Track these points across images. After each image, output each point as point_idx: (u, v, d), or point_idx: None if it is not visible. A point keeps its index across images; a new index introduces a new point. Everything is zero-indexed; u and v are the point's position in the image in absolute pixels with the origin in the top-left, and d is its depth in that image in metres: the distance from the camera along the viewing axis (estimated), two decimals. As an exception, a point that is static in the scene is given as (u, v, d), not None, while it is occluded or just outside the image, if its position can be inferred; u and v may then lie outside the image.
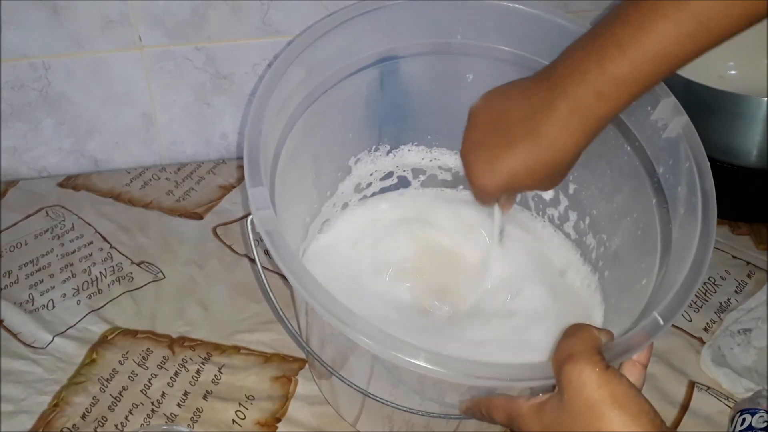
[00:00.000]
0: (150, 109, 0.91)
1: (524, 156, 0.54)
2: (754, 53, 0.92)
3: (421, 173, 0.76)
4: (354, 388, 0.55)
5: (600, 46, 0.49)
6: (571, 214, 0.71)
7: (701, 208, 0.52)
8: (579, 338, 0.43)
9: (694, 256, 0.50)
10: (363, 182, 0.74)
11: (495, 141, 0.56)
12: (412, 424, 0.59)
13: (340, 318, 0.45)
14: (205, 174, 0.92)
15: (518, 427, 0.46)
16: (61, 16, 0.81)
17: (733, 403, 0.67)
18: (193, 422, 0.65)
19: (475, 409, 0.50)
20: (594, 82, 0.49)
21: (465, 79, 0.68)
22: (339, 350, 0.56)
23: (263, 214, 0.50)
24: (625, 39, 0.48)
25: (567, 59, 0.52)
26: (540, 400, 0.44)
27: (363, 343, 0.45)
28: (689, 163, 0.55)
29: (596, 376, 0.41)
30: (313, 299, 0.46)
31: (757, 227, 0.86)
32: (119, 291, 0.76)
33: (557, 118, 0.52)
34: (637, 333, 0.47)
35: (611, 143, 0.62)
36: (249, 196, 0.51)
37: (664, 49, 0.47)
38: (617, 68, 0.48)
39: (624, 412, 0.40)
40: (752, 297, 0.77)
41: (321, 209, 0.71)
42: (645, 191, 0.60)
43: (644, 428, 0.40)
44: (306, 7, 0.85)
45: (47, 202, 0.87)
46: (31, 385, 0.67)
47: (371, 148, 0.73)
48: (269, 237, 0.49)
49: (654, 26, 0.47)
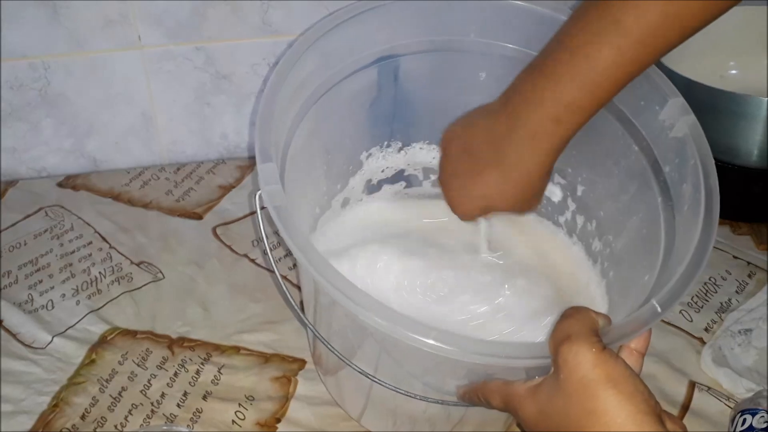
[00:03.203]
0: (150, 109, 0.91)
1: (493, 181, 0.58)
2: (755, 53, 0.92)
3: (431, 172, 0.76)
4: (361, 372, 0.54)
5: (550, 74, 0.52)
6: (578, 218, 0.71)
7: (704, 204, 0.53)
8: (577, 319, 0.43)
9: (695, 248, 0.50)
10: (374, 178, 0.74)
11: (465, 168, 0.60)
12: (415, 420, 0.59)
13: (347, 293, 0.45)
14: (204, 174, 0.92)
15: (514, 410, 0.46)
16: (61, 16, 0.81)
17: (733, 404, 0.66)
18: (193, 423, 0.65)
19: (473, 394, 0.50)
20: (549, 110, 0.53)
21: (478, 77, 0.69)
22: (346, 336, 0.56)
23: (271, 188, 0.50)
24: (570, 67, 0.51)
25: (522, 87, 0.55)
26: (535, 382, 0.44)
27: (369, 319, 0.44)
28: (695, 161, 0.55)
29: (592, 356, 0.41)
30: (320, 275, 0.46)
31: (757, 227, 0.86)
32: (119, 291, 0.76)
33: (519, 144, 0.55)
34: (635, 319, 0.47)
35: (619, 143, 0.63)
36: (258, 171, 0.50)
37: (609, 74, 0.50)
38: (569, 95, 0.52)
39: (618, 392, 0.40)
40: (753, 297, 0.77)
41: (331, 202, 0.71)
42: (651, 190, 0.60)
43: (638, 408, 0.40)
44: (306, 7, 0.85)
45: (46, 202, 0.87)
46: (30, 386, 0.67)
47: (383, 144, 0.73)
48: (277, 212, 0.48)
49: (596, 54, 0.50)
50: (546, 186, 0.60)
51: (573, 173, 0.70)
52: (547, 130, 0.54)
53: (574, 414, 0.41)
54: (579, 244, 0.71)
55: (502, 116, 0.56)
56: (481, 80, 0.69)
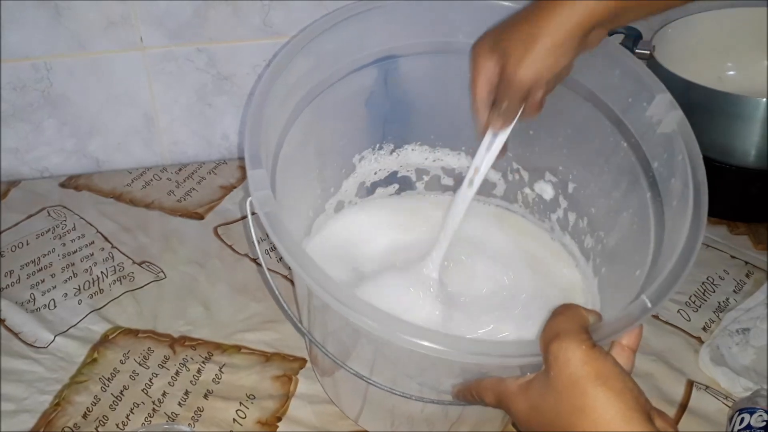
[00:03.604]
0: (151, 109, 0.91)
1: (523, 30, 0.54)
2: (753, 55, 0.92)
3: (424, 174, 0.76)
4: (356, 375, 0.55)
5: None
6: (570, 215, 0.71)
7: (692, 199, 0.53)
8: (567, 317, 0.44)
9: (684, 242, 0.51)
10: (367, 180, 0.74)
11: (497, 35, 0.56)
12: (413, 419, 0.59)
13: (338, 297, 0.45)
14: (206, 174, 0.92)
15: (506, 406, 0.46)
16: (63, 17, 0.82)
17: (731, 403, 0.67)
18: (194, 421, 0.65)
19: (466, 392, 0.50)
20: None
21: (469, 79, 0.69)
22: (341, 339, 0.56)
23: (262, 194, 0.50)
24: None
25: None
26: (527, 379, 0.45)
27: (361, 321, 0.45)
28: (682, 156, 0.55)
29: (582, 353, 0.41)
30: (312, 279, 0.46)
31: (755, 227, 0.86)
32: (120, 291, 0.77)
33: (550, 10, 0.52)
34: (625, 315, 0.47)
35: (609, 140, 0.63)
36: (248, 177, 0.51)
37: None
38: None
39: (607, 389, 0.40)
40: (751, 297, 0.77)
41: (324, 206, 0.71)
42: (640, 186, 0.60)
43: (627, 405, 0.40)
44: (307, 8, 0.85)
45: (49, 203, 0.87)
46: (32, 385, 0.67)
47: (375, 147, 0.73)
48: (267, 218, 0.49)
49: None
50: (570, 61, 0.54)
51: (564, 171, 0.70)
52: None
53: (564, 410, 0.41)
54: (571, 242, 0.71)
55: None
56: None
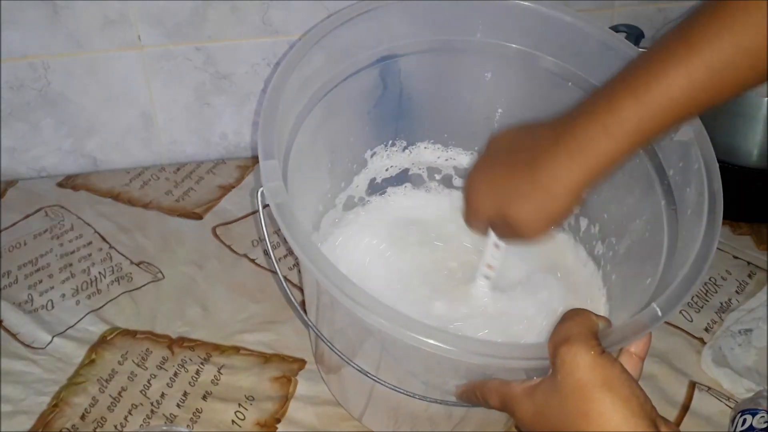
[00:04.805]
0: (149, 109, 0.91)
1: (518, 181, 0.53)
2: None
3: (436, 172, 0.76)
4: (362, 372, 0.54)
5: (611, 89, 0.49)
6: (582, 220, 0.70)
7: (707, 207, 0.53)
8: (576, 322, 0.43)
9: (697, 251, 0.50)
10: (378, 177, 0.73)
11: (496, 163, 0.56)
12: (416, 418, 0.59)
13: (347, 292, 0.45)
14: (204, 174, 0.92)
15: (511, 409, 0.46)
16: (61, 16, 0.81)
17: (733, 404, 0.67)
18: (193, 423, 0.65)
19: (471, 393, 0.50)
20: (600, 115, 0.48)
21: (483, 77, 0.69)
22: (348, 335, 0.56)
23: (273, 185, 0.49)
24: (636, 83, 0.47)
25: (580, 104, 0.51)
26: (533, 383, 0.45)
27: (369, 317, 0.44)
28: (698, 165, 0.55)
29: (590, 358, 0.41)
30: (321, 273, 0.46)
31: (757, 227, 0.86)
32: (118, 291, 0.76)
33: (559, 155, 0.50)
34: (635, 322, 0.47)
35: None
36: (261, 168, 0.50)
37: (674, 98, 0.46)
38: (625, 109, 0.47)
39: (614, 395, 0.40)
40: (753, 297, 0.77)
41: (335, 201, 0.71)
42: (655, 193, 0.60)
43: (633, 411, 0.40)
44: (306, 7, 0.85)
45: (46, 202, 0.87)
46: (30, 386, 0.67)
47: (387, 143, 0.73)
48: (278, 209, 0.48)
49: (665, 74, 0.46)
50: (562, 220, 0.54)
51: None
52: (591, 137, 0.49)
53: (570, 415, 0.41)
54: (582, 247, 0.71)
55: (554, 124, 0.52)
56: (487, 80, 0.69)
